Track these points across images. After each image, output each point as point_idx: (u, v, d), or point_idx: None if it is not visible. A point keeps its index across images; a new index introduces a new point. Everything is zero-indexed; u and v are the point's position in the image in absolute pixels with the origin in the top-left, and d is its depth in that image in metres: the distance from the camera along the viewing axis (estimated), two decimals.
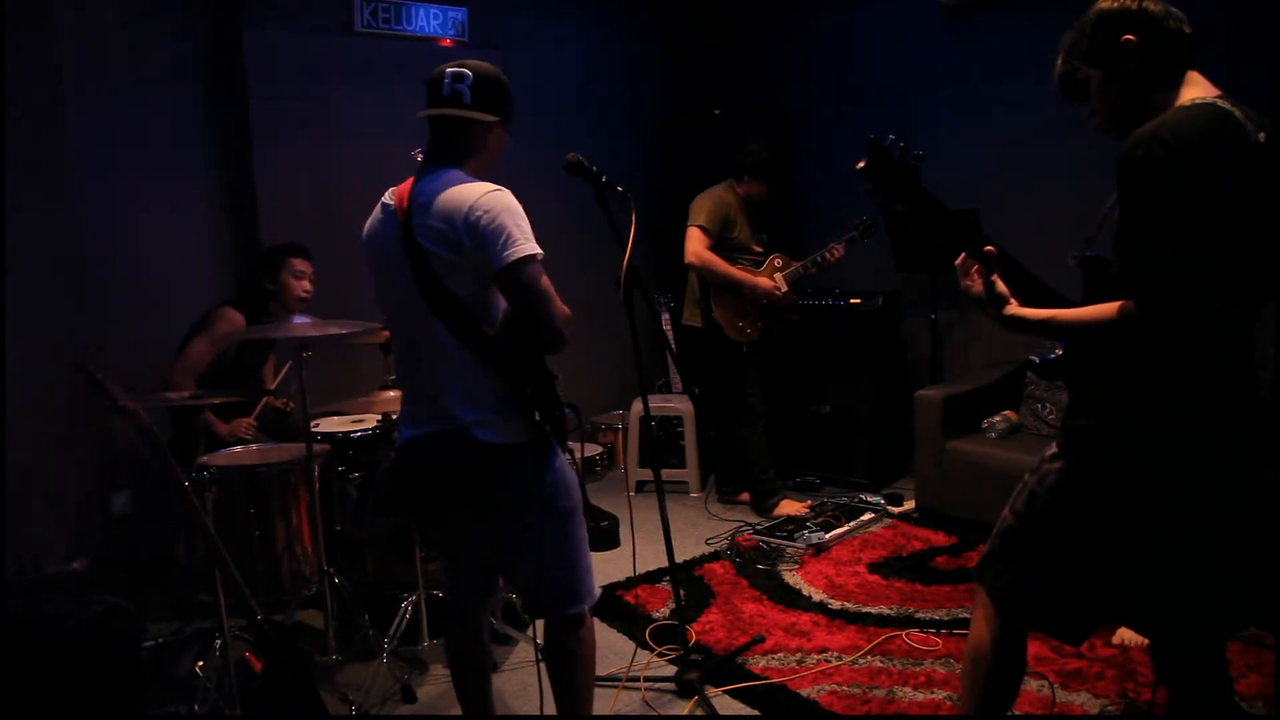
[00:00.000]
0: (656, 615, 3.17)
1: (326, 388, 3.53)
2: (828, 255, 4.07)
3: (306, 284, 3.36)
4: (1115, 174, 1.49)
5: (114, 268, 3.49)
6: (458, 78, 1.95)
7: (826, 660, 2.79)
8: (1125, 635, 2.74)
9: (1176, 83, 1.58)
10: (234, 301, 3.32)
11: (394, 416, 3.06)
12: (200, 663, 2.62)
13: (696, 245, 4.03)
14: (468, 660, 2.23)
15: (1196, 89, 1.57)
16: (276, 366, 3.61)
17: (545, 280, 1.90)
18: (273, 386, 3.52)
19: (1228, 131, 1.48)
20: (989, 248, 1.65)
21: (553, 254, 1.92)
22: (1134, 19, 1.58)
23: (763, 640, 2.94)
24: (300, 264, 3.34)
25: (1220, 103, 1.51)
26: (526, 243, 1.86)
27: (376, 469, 3.10)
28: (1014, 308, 1.64)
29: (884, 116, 4.72)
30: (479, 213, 1.84)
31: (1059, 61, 1.70)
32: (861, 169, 1.71)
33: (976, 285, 1.68)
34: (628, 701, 2.63)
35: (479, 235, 1.83)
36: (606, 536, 3.92)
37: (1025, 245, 1.99)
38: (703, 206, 4.08)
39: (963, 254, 1.70)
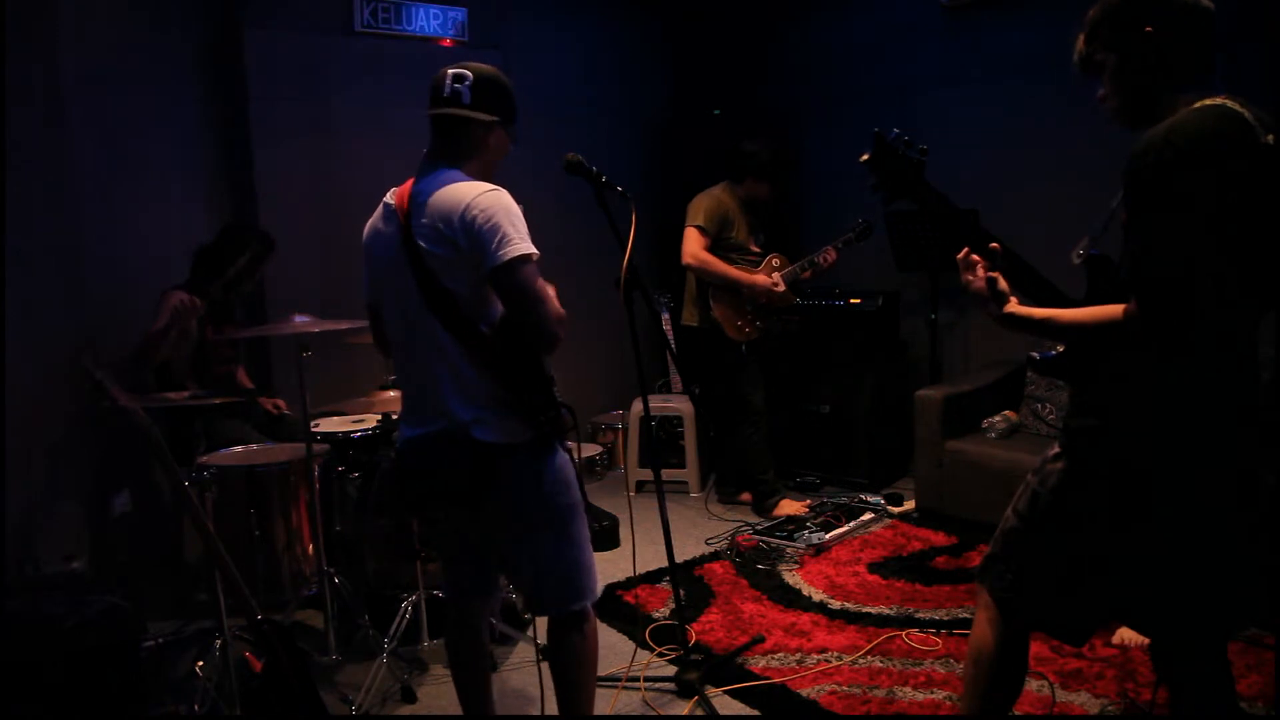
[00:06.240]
0: (656, 615, 3.17)
1: (326, 388, 3.53)
2: (819, 260, 4.07)
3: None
4: (1124, 174, 1.48)
5: (114, 267, 3.49)
6: (458, 78, 1.96)
7: (826, 660, 2.79)
8: (1125, 635, 2.74)
9: (1195, 84, 1.55)
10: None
11: (394, 416, 3.06)
12: (200, 663, 2.62)
13: (693, 246, 4.03)
14: (467, 660, 2.23)
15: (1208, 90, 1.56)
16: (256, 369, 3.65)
17: (540, 281, 1.90)
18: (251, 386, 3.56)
19: (1238, 134, 1.47)
20: (994, 244, 1.64)
21: (552, 254, 1.92)
22: (1158, 8, 1.56)
23: (763, 640, 2.94)
24: None
25: (1230, 104, 1.50)
26: (521, 243, 1.86)
27: (376, 469, 3.10)
28: (1014, 305, 1.63)
29: (883, 116, 4.65)
30: (475, 212, 1.84)
31: (1080, 40, 1.67)
32: (865, 161, 1.70)
33: (978, 281, 1.66)
34: (628, 701, 2.63)
35: (474, 234, 1.84)
36: (606, 537, 3.92)
37: (1025, 245, 1.99)
38: (700, 207, 4.08)
39: (965, 248, 1.68)
